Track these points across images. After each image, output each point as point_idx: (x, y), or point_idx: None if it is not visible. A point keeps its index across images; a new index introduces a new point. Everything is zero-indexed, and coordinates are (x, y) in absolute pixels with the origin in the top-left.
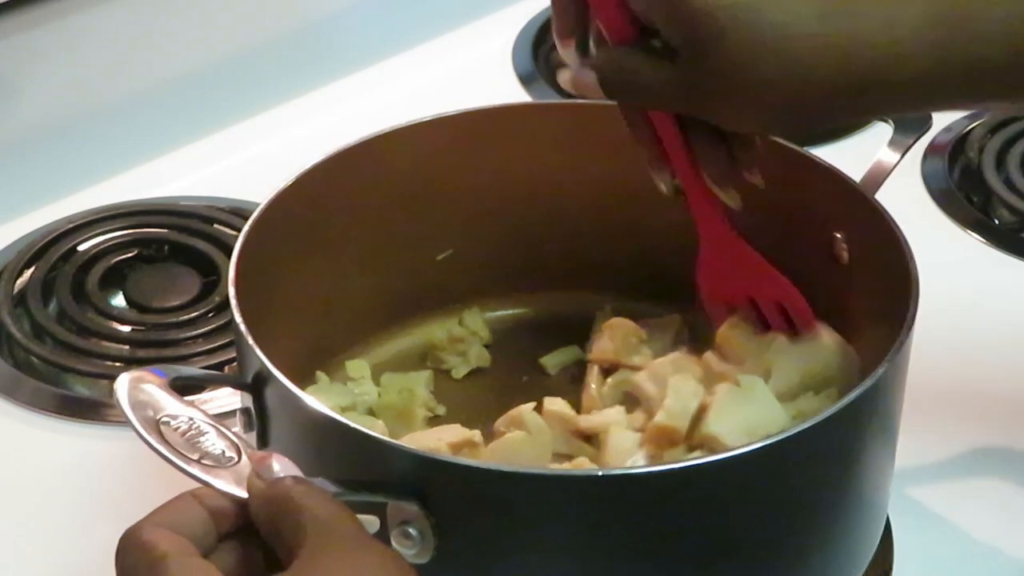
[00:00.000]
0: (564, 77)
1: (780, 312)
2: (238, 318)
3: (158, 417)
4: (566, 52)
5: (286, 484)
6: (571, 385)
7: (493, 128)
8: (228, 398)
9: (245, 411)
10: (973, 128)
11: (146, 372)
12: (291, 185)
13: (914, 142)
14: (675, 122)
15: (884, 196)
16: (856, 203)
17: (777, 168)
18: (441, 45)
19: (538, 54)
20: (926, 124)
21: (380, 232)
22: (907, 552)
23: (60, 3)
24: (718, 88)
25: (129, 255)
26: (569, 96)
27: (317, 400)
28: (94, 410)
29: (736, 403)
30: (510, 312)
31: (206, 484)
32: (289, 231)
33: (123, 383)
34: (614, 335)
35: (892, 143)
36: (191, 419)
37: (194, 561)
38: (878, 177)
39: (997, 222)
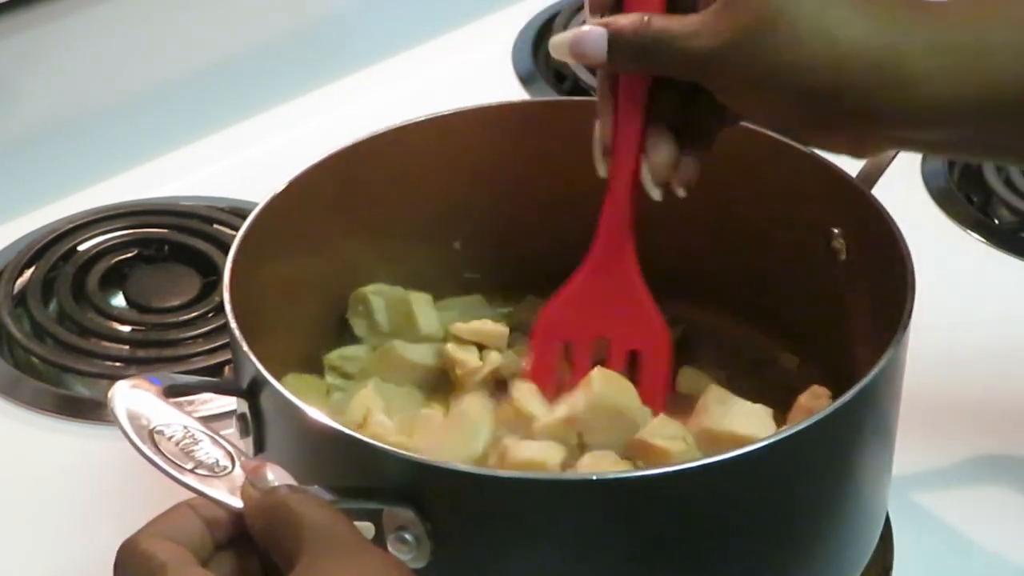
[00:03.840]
0: (559, 39)
1: (627, 361)
2: (233, 324)
3: (152, 427)
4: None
5: (281, 493)
6: None
7: (493, 127)
8: (227, 398)
9: (241, 417)
10: None
11: (141, 380)
12: (290, 185)
13: None
14: (643, 110)
15: (884, 196)
16: (853, 198)
17: (775, 163)
18: (441, 45)
19: (538, 54)
20: None
21: (380, 232)
22: (907, 552)
23: (60, 3)
24: (748, 36)
25: (129, 255)
26: (569, 94)
27: (309, 403)
28: (94, 410)
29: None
30: (508, 310)
31: (200, 494)
32: (288, 231)
33: (117, 393)
34: None
35: None
36: (185, 428)
37: (193, 570)
38: (875, 172)
39: (997, 222)
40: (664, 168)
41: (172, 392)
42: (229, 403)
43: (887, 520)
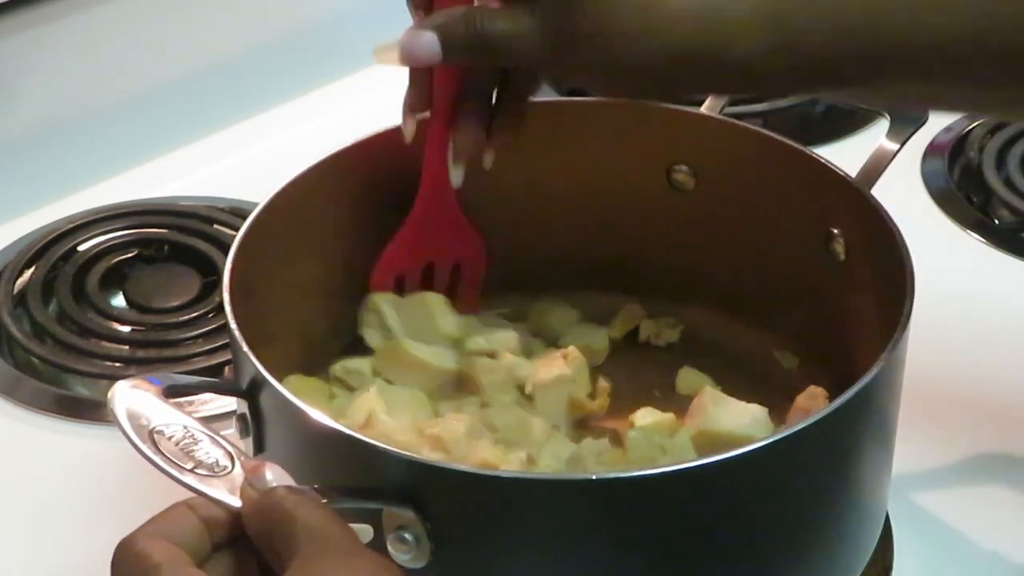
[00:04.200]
0: (384, 48)
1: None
2: (233, 325)
3: (152, 426)
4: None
5: (278, 494)
6: None
7: None
8: (227, 398)
9: (241, 417)
10: (973, 128)
11: (141, 380)
12: (289, 185)
13: (911, 134)
14: (458, 82)
15: (884, 196)
16: (852, 198)
17: (774, 164)
18: None
19: None
20: (922, 118)
21: (380, 232)
22: (907, 552)
23: (60, 3)
24: (580, 34)
25: (129, 255)
26: (570, 95)
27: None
28: (94, 410)
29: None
30: (506, 311)
31: (200, 493)
32: (287, 232)
33: (117, 393)
34: None
35: (889, 135)
36: (185, 427)
37: (188, 571)
38: (876, 170)
39: (997, 222)
40: (471, 148)
41: (172, 392)
42: (229, 403)
43: (887, 520)
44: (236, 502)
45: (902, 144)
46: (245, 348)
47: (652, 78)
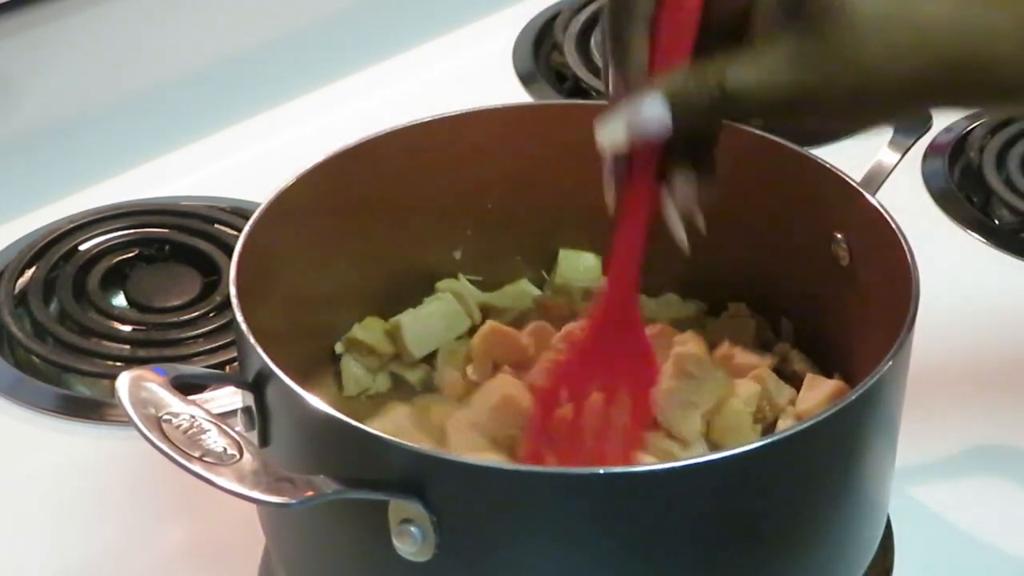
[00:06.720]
0: (611, 127)
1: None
2: (239, 317)
3: (159, 415)
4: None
5: None
6: None
7: (493, 128)
8: (229, 398)
9: (246, 410)
10: (973, 128)
11: (147, 371)
12: (292, 185)
13: (914, 142)
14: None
15: (884, 196)
16: (856, 203)
17: (777, 168)
18: (441, 45)
19: (538, 54)
20: (926, 124)
21: (380, 232)
22: (907, 552)
23: (60, 3)
24: (839, 58)
25: (130, 255)
26: (570, 94)
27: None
28: (95, 410)
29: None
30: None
31: (208, 482)
32: (290, 231)
33: (124, 381)
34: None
35: (892, 143)
36: (192, 417)
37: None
38: (878, 177)
39: (997, 222)
40: (690, 200)
41: (178, 383)
42: (230, 403)
43: (888, 520)
44: (245, 491)
45: (904, 152)
46: (252, 340)
47: (916, 94)
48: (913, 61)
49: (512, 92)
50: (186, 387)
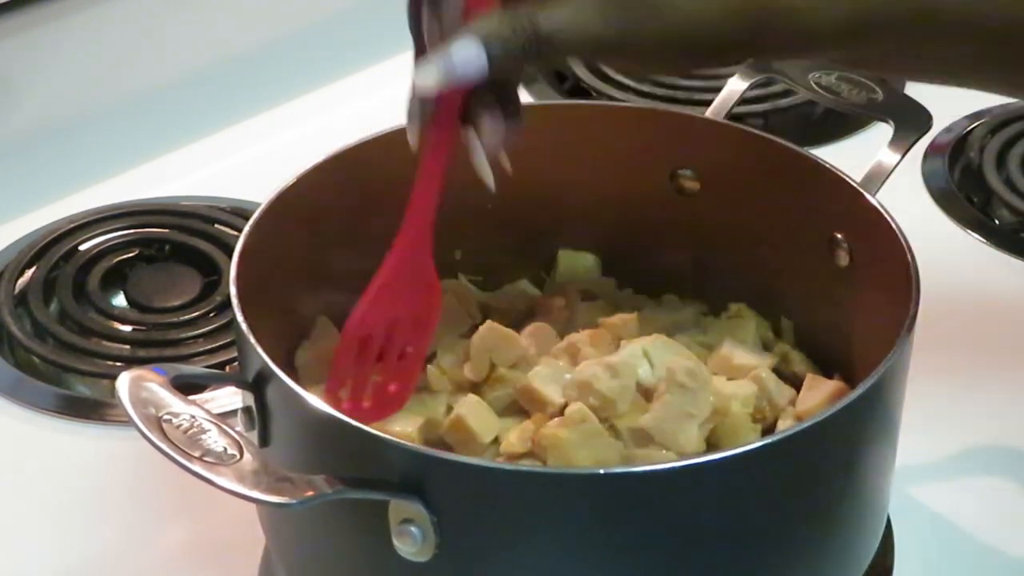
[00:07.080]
0: (425, 71)
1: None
2: (239, 317)
3: (160, 415)
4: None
5: None
6: None
7: None
8: (229, 398)
9: (247, 410)
10: (973, 128)
11: (147, 371)
12: (292, 185)
13: (915, 142)
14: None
15: (884, 196)
16: (857, 204)
17: (777, 168)
18: None
19: None
20: (927, 124)
21: (380, 232)
22: (907, 552)
23: (60, 3)
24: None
25: (130, 255)
26: (570, 94)
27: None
28: (95, 410)
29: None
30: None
31: (208, 482)
32: (290, 231)
33: (124, 381)
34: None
35: (893, 143)
36: (193, 417)
37: None
38: (878, 177)
39: (997, 222)
40: (498, 142)
41: (178, 383)
42: (230, 403)
43: (888, 520)
44: (246, 491)
45: (904, 152)
46: (252, 340)
47: (718, 41)
48: (714, 7)
49: None
50: (186, 387)
